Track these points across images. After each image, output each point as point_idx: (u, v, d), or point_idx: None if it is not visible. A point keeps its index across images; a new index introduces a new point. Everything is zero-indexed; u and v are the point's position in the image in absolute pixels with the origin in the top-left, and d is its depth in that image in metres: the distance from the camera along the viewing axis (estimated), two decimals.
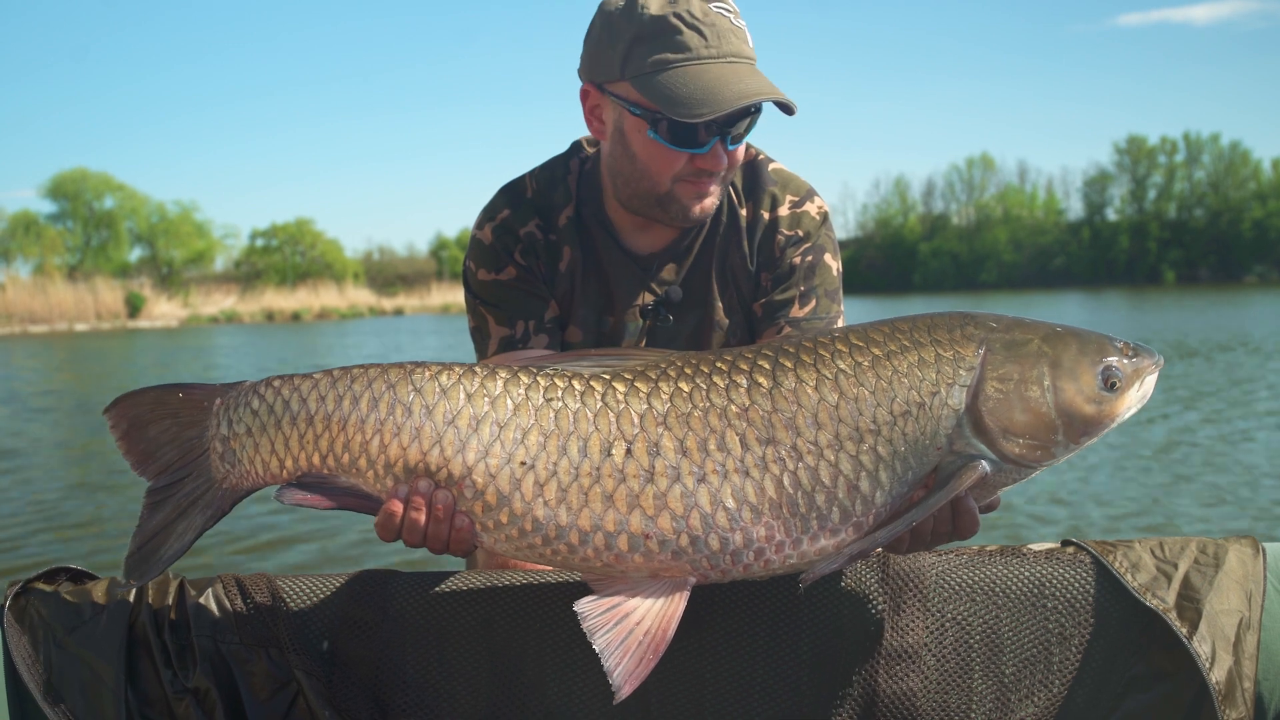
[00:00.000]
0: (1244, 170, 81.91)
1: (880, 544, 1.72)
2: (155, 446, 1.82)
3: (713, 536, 1.69)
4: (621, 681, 1.65)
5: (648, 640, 1.68)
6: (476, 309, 2.44)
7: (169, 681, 1.90)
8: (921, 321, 1.82)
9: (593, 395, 1.73)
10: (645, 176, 2.27)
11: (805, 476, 1.70)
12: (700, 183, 2.25)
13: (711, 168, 2.22)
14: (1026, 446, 1.75)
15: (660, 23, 2.14)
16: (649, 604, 1.71)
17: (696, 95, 2.10)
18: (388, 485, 1.75)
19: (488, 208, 2.47)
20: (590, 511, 1.70)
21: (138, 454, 1.82)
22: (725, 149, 2.21)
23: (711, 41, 2.13)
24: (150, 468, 1.82)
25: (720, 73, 2.12)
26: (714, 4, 2.17)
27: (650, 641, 1.68)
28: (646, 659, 1.67)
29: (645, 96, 2.15)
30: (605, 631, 1.68)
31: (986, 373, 1.75)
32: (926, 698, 1.92)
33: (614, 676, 1.65)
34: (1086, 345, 1.79)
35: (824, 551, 1.72)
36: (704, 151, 2.19)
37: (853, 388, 1.73)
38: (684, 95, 2.11)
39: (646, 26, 2.14)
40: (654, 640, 1.68)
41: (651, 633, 1.69)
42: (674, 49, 2.13)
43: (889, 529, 1.71)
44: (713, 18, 2.15)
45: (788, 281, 2.42)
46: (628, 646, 1.67)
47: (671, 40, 2.13)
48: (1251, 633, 1.92)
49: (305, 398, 1.77)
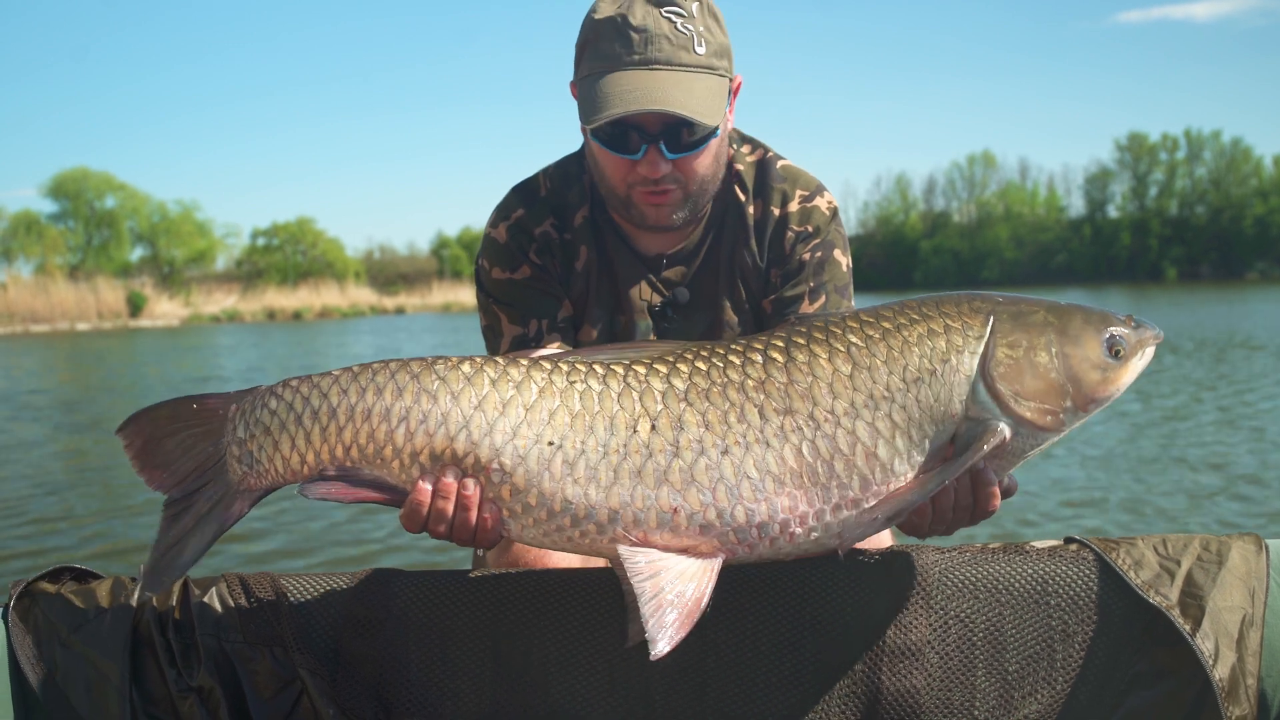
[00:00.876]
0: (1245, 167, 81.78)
1: (909, 505, 1.73)
2: (171, 460, 1.82)
3: (739, 509, 1.71)
4: (655, 634, 1.63)
5: (682, 603, 1.67)
6: (490, 308, 2.45)
7: (173, 680, 1.90)
8: (929, 299, 1.87)
9: (615, 376, 1.76)
10: (604, 180, 2.32)
11: (824, 444, 1.73)
12: (650, 192, 2.26)
13: (649, 174, 2.23)
14: (1038, 411, 1.78)
15: (599, 27, 2.19)
16: (686, 566, 1.71)
17: (599, 101, 2.15)
18: (413, 475, 1.75)
19: (501, 206, 2.47)
20: (619, 488, 1.71)
21: (153, 469, 1.82)
22: (662, 157, 2.20)
23: (637, 48, 2.15)
24: (167, 481, 1.82)
25: (630, 80, 2.14)
26: (665, 8, 2.17)
27: (685, 605, 1.67)
28: (680, 622, 1.66)
29: (578, 99, 2.22)
30: (645, 579, 1.68)
31: (996, 340, 1.79)
32: (930, 694, 1.92)
33: (649, 625, 1.63)
34: (1090, 316, 1.84)
35: (847, 522, 1.74)
36: (638, 158, 2.21)
37: (865, 357, 1.77)
38: (595, 100, 2.16)
39: (589, 31, 2.22)
40: (689, 605, 1.68)
41: (686, 596, 1.68)
42: (603, 55, 2.18)
43: (920, 488, 1.73)
44: (651, 23, 2.16)
45: (798, 277, 2.42)
46: (663, 601, 1.66)
47: (605, 46, 2.18)
48: (1255, 629, 1.93)
49: (326, 393, 1.78)
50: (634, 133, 2.19)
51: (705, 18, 2.22)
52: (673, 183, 2.25)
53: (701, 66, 2.18)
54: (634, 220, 2.34)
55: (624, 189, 2.28)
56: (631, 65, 2.15)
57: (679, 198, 2.29)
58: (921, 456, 1.76)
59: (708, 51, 2.19)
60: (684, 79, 2.16)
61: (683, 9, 2.18)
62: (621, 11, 2.17)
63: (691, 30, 2.18)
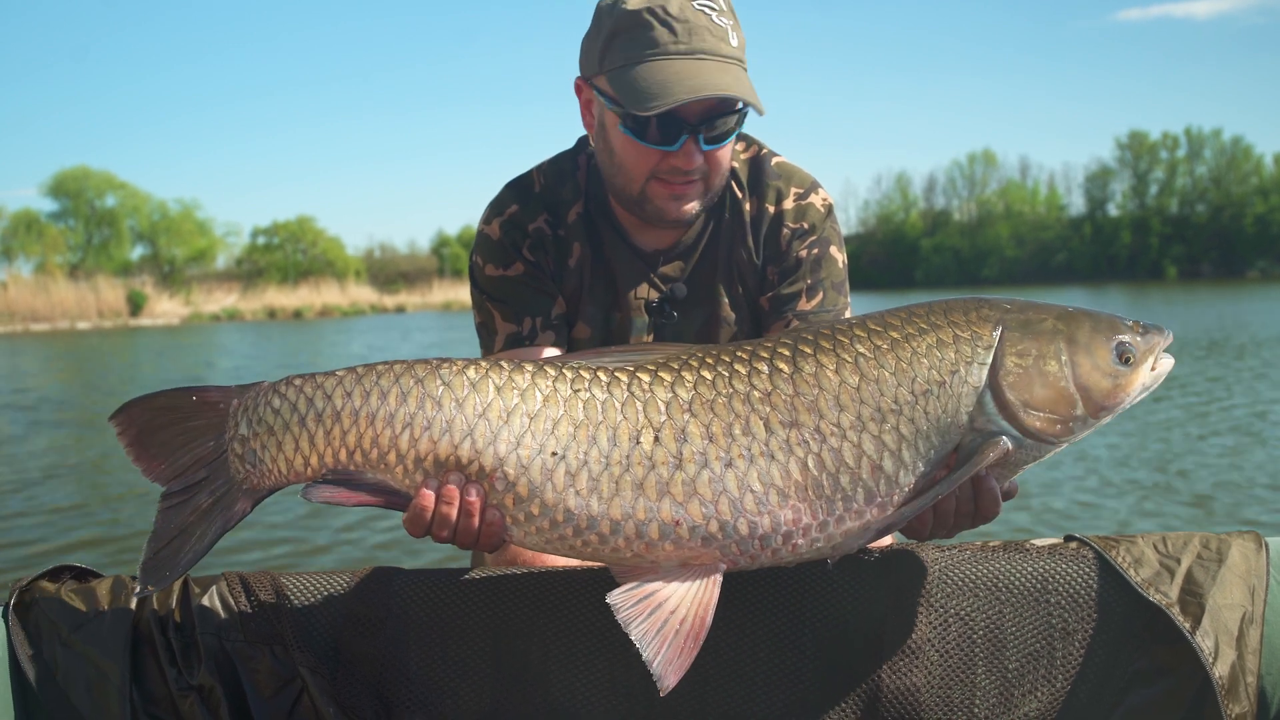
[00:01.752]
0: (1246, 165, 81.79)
1: (907, 518, 1.72)
2: (168, 451, 1.80)
3: (741, 521, 1.70)
4: (662, 670, 1.64)
5: (685, 629, 1.68)
6: (483, 304, 2.44)
7: (173, 679, 1.90)
8: (937, 305, 1.85)
9: (619, 385, 1.75)
10: (622, 172, 2.28)
11: (829, 458, 1.72)
12: (674, 184, 2.25)
13: (683, 165, 2.21)
14: (1047, 421, 1.77)
15: (635, 18, 2.16)
16: (684, 591, 1.71)
17: (652, 90, 2.11)
18: (417, 480, 1.75)
19: (495, 203, 2.47)
20: (621, 500, 1.70)
21: (149, 459, 1.80)
22: (699, 148, 2.20)
23: (681, 37, 2.13)
24: (165, 472, 1.80)
25: (681, 68, 2.12)
26: (698, 1, 2.16)
27: (688, 630, 1.68)
28: (687, 648, 1.66)
29: (614, 90, 2.17)
30: (641, 621, 1.68)
31: (1005, 349, 1.78)
32: (930, 693, 1.92)
33: (654, 666, 1.64)
34: (1099, 323, 1.83)
35: (850, 533, 1.73)
36: (675, 149, 2.19)
37: (873, 369, 1.75)
38: (642, 89, 2.12)
39: (623, 21, 2.17)
40: (692, 629, 1.68)
41: (689, 621, 1.68)
42: (643, 44, 2.14)
43: (916, 503, 1.72)
44: (689, 14, 2.15)
45: (794, 275, 2.42)
46: (665, 635, 1.67)
47: (643, 35, 2.15)
48: (1254, 627, 1.92)
49: (330, 394, 1.76)
50: (677, 123, 2.16)
51: (731, 14, 2.22)
52: (699, 175, 2.25)
53: (736, 59, 2.19)
54: (648, 216, 2.32)
55: (642, 183, 2.26)
56: (679, 54, 2.13)
57: (700, 190, 2.28)
58: (927, 468, 1.75)
59: (738, 45, 2.20)
60: (730, 69, 2.16)
61: (714, 4, 2.18)
62: (659, 3, 2.15)
63: (725, 24, 2.18)
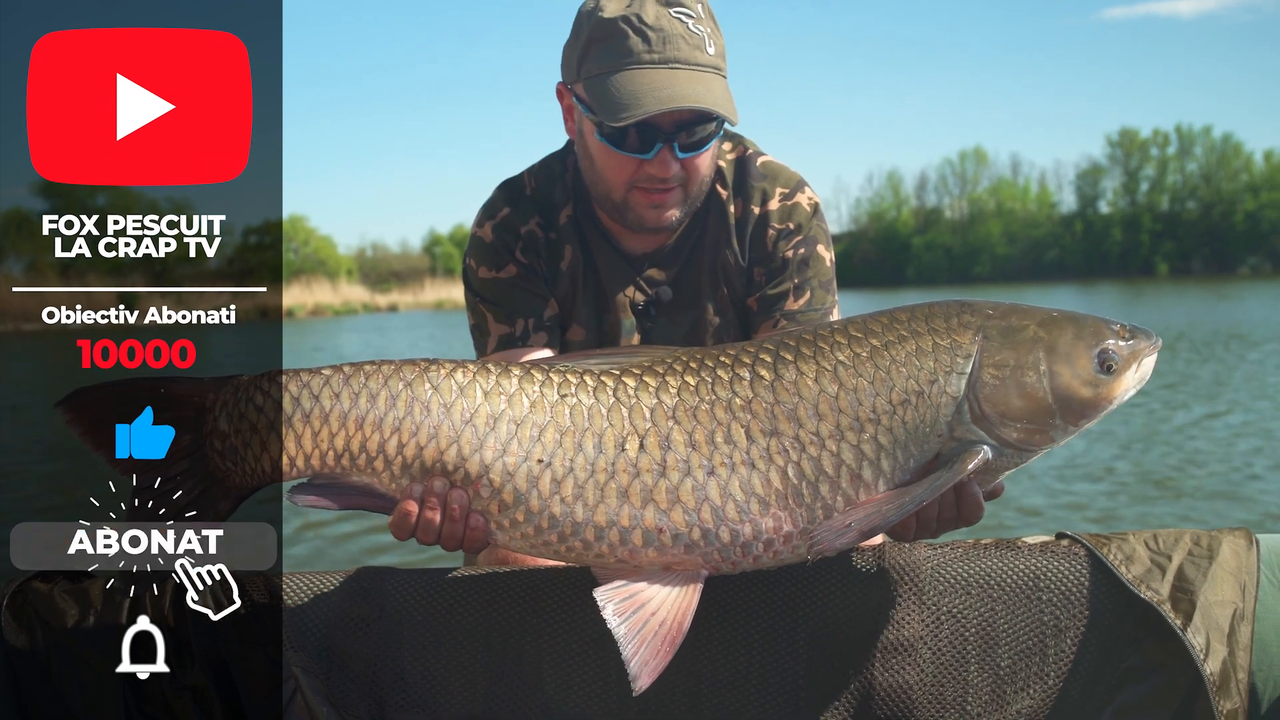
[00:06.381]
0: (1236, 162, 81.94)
1: (891, 521, 1.72)
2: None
3: (723, 529, 1.72)
4: (638, 671, 1.66)
5: (664, 631, 1.70)
6: (476, 307, 2.44)
7: (167, 679, 1.90)
8: (920, 311, 1.84)
9: (605, 390, 1.75)
10: (602, 180, 2.29)
11: (809, 467, 1.73)
12: (653, 192, 2.25)
13: (659, 174, 2.21)
14: (1025, 431, 1.77)
15: (610, 26, 2.16)
16: (665, 594, 1.73)
17: (624, 100, 2.12)
18: (403, 484, 1.75)
19: (487, 205, 2.46)
20: (605, 507, 1.71)
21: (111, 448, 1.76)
22: (674, 156, 2.20)
23: (655, 46, 2.13)
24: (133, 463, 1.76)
25: (653, 78, 2.12)
26: (675, 9, 2.16)
27: (666, 633, 1.70)
28: (663, 650, 1.68)
29: (590, 98, 2.18)
30: (624, 619, 1.70)
31: (983, 360, 1.77)
32: (922, 690, 1.93)
33: (631, 665, 1.66)
34: (1083, 329, 1.81)
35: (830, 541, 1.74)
36: (649, 158, 2.20)
37: (852, 378, 1.76)
38: (614, 99, 2.13)
39: (599, 29, 2.18)
40: (670, 632, 1.70)
41: (668, 624, 1.70)
42: (618, 53, 2.15)
43: (898, 506, 1.72)
44: (664, 23, 2.15)
45: (781, 275, 2.41)
46: (644, 636, 1.69)
47: (618, 44, 2.15)
48: (1245, 624, 1.93)
49: (317, 394, 1.75)
50: (651, 131, 2.17)
51: (709, 20, 2.21)
52: (677, 182, 2.25)
53: (712, 67, 2.19)
54: (629, 223, 2.33)
55: (623, 190, 2.26)
56: (652, 64, 2.13)
57: (679, 198, 2.28)
58: (906, 476, 1.76)
59: (715, 53, 2.19)
60: (703, 78, 2.16)
61: (691, 10, 2.18)
62: (634, 11, 2.15)
63: (701, 32, 2.17)
